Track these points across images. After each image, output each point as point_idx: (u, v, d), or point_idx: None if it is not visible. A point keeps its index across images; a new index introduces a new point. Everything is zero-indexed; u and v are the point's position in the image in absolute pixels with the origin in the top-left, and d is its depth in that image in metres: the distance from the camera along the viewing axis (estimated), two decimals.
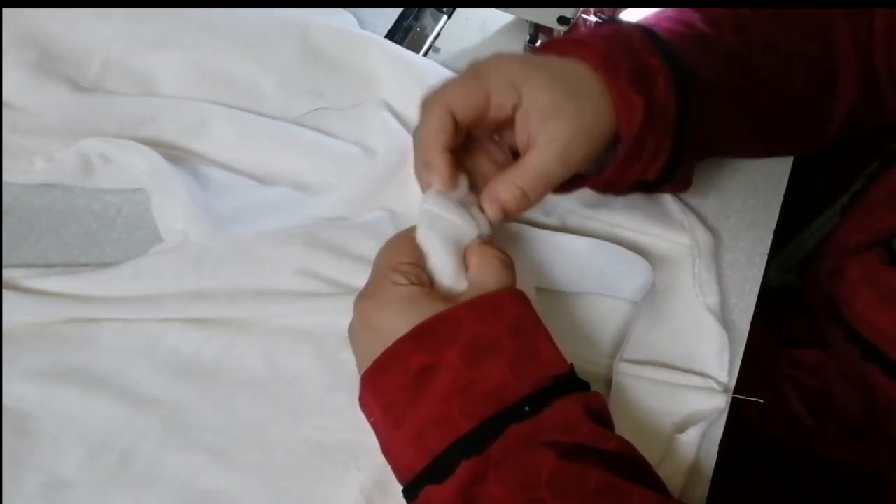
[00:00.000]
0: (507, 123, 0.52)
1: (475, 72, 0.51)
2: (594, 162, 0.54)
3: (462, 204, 0.53)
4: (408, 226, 0.60)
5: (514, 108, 0.51)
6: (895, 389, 0.58)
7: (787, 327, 0.57)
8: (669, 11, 0.59)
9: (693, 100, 0.54)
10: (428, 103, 0.52)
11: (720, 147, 0.63)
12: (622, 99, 0.51)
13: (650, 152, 0.54)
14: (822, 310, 0.69)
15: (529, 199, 0.52)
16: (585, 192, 0.61)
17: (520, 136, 0.52)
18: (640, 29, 0.55)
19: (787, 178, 0.68)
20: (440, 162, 0.51)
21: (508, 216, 0.53)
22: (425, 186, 0.53)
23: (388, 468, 0.53)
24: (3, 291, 0.56)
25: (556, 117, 0.50)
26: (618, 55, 0.52)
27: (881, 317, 0.58)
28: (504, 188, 0.51)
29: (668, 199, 0.66)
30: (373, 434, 0.52)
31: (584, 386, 0.48)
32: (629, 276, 0.62)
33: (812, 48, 0.61)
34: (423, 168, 0.52)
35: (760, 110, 0.61)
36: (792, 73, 0.61)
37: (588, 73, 0.52)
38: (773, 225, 0.66)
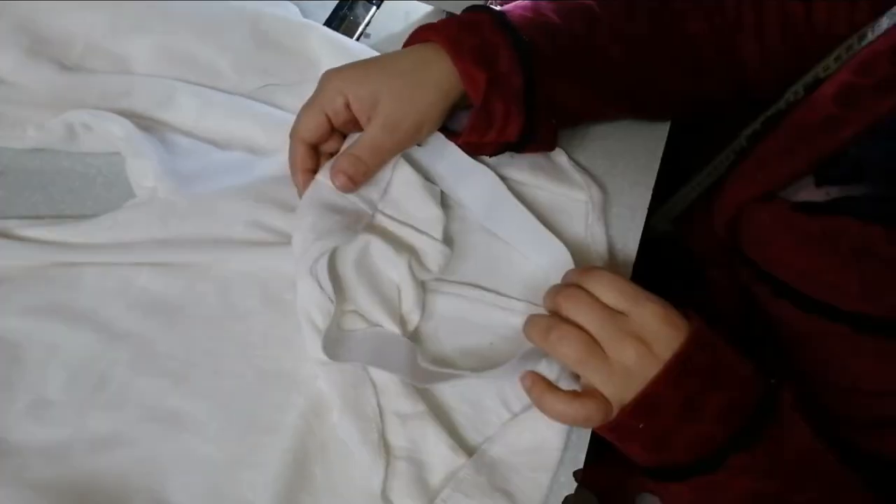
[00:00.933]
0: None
1: (313, 96, 0.58)
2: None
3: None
4: None
5: (348, 107, 0.57)
6: (806, 321, 0.60)
7: (665, 272, 0.60)
8: (528, 3, 0.63)
9: (537, 72, 0.58)
10: (290, 137, 0.60)
11: (580, 116, 0.66)
12: (466, 74, 0.56)
13: (501, 117, 0.58)
14: (708, 253, 0.71)
15: (366, 165, 0.58)
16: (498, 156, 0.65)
17: (363, 123, 0.58)
18: (491, 13, 0.59)
19: (663, 144, 0.71)
20: (299, 184, 0.60)
21: (353, 182, 0.58)
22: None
23: (323, 397, 0.56)
24: None
25: (380, 99, 0.56)
26: (464, 36, 0.57)
27: (799, 258, 0.60)
28: (342, 158, 0.57)
29: (564, 161, 0.68)
30: (310, 364, 0.56)
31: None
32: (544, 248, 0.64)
33: (662, 37, 0.65)
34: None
35: (615, 86, 0.65)
36: (642, 57, 0.65)
37: (435, 53, 0.57)
38: (652, 183, 0.69)
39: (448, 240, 0.63)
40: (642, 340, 0.50)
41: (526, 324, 0.54)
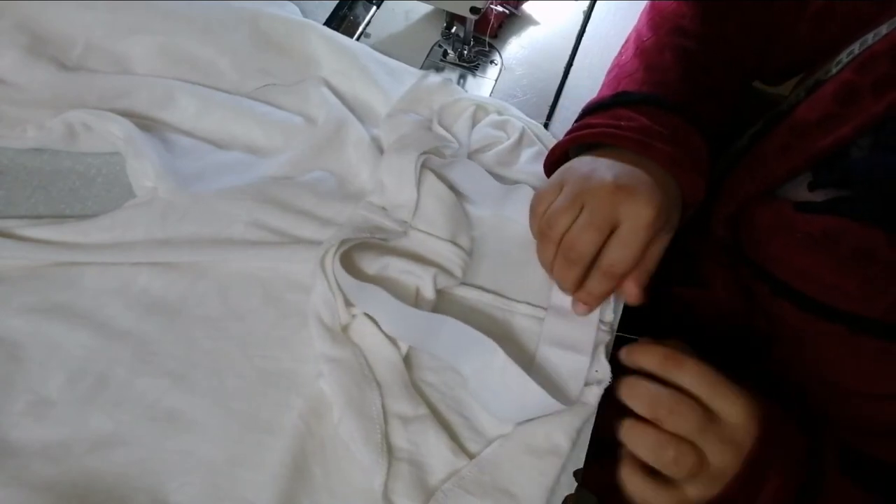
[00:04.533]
0: None
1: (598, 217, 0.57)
2: None
3: None
4: (345, 182, 0.64)
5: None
6: (804, 321, 0.60)
7: (666, 271, 0.60)
8: (647, 71, 0.65)
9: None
10: (546, 239, 0.59)
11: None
12: (691, 185, 0.59)
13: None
14: (708, 252, 0.71)
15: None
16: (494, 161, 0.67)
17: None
18: (680, 113, 0.62)
19: None
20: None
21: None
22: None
23: (323, 397, 0.55)
24: (0, 239, 0.58)
25: None
26: (680, 155, 0.59)
27: (799, 258, 0.59)
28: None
29: None
30: (311, 364, 0.56)
31: None
32: None
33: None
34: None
35: (708, 84, 0.68)
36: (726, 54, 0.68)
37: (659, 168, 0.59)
38: None
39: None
40: (737, 444, 0.50)
41: (627, 432, 0.52)
